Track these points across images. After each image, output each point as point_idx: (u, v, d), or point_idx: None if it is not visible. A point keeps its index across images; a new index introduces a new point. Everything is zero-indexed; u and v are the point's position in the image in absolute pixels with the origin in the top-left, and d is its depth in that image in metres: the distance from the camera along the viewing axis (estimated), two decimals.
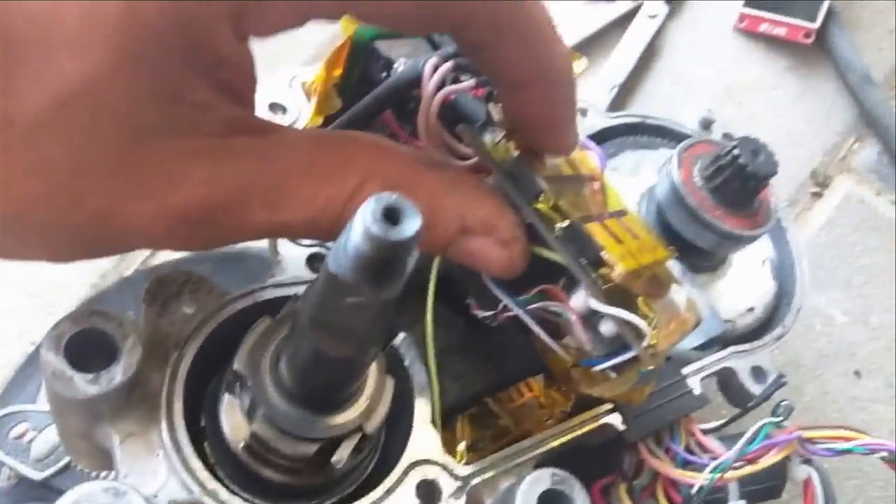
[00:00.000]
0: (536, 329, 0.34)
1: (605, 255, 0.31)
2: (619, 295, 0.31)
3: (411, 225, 0.21)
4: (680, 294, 0.34)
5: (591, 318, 0.33)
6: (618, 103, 0.75)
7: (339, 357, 0.27)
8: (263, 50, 0.29)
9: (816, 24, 0.80)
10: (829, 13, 0.81)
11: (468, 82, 0.35)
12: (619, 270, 0.30)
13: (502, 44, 0.29)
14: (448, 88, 0.34)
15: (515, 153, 0.33)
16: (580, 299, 0.32)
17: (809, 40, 0.81)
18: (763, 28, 0.81)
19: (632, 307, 0.31)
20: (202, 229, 0.27)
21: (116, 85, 0.24)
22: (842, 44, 0.82)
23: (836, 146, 0.80)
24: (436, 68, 0.34)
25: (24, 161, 0.25)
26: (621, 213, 0.34)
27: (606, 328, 0.32)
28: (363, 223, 0.21)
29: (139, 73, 0.25)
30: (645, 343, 0.31)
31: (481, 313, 0.37)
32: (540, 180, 0.32)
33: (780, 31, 0.81)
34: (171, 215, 0.26)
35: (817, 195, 0.77)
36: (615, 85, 0.75)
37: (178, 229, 0.27)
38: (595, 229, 0.32)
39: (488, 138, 0.33)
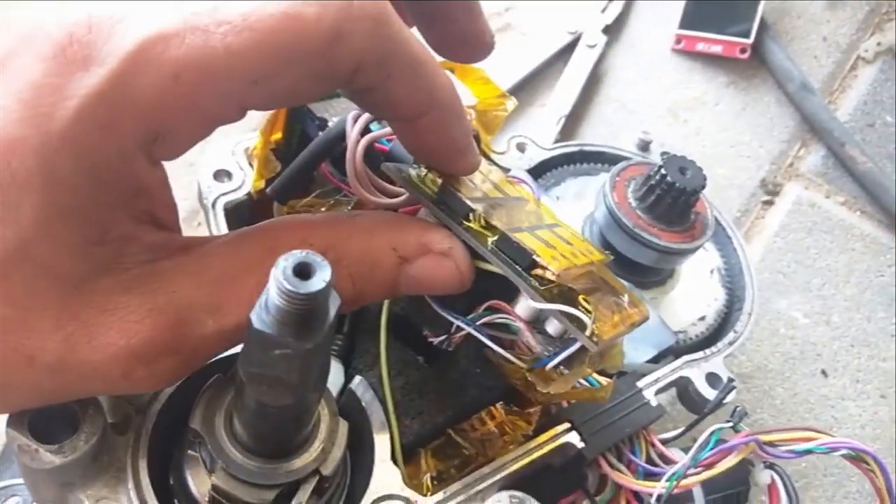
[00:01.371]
0: (487, 342, 0.36)
1: (537, 258, 0.33)
2: (558, 294, 0.34)
3: (321, 276, 0.23)
4: (624, 295, 0.36)
5: (536, 323, 0.35)
6: (566, 133, 0.78)
7: (281, 406, 0.28)
8: None
9: (751, 40, 0.83)
10: (762, 27, 0.85)
11: (386, 129, 0.37)
12: (553, 269, 0.33)
13: (390, 82, 0.30)
14: (370, 135, 0.37)
15: (439, 181, 0.35)
16: (523, 305, 0.35)
17: (746, 55, 0.84)
18: (700, 47, 0.85)
19: (573, 304, 0.33)
20: (159, 363, 0.28)
21: (45, 240, 0.26)
22: (777, 55, 0.85)
23: (783, 154, 0.82)
24: (356, 119, 0.37)
25: None
26: (554, 226, 0.37)
27: (552, 327, 0.35)
28: (277, 281, 0.23)
29: (64, 223, 0.26)
30: (588, 332, 0.33)
31: (436, 339, 0.39)
32: (468, 201, 0.34)
33: (717, 49, 0.84)
34: (124, 356, 0.28)
35: (769, 203, 0.80)
36: (561, 116, 0.77)
37: (135, 369, 0.28)
38: (526, 238, 0.34)
39: (413, 173, 0.35)
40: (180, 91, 0.26)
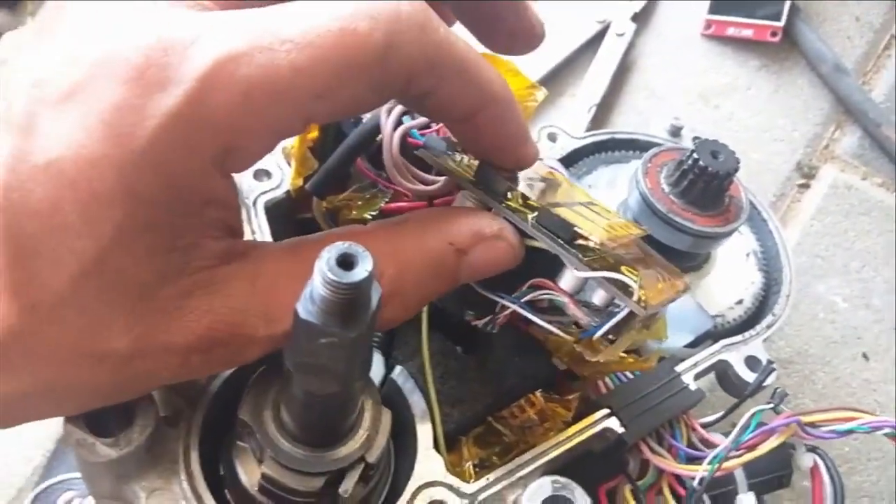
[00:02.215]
0: (533, 317, 0.36)
1: (578, 229, 0.34)
2: (602, 264, 0.34)
3: (364, 266, 0.24)
4: (664, 267, 0.37)
5: (580, 297, 0.36)
6: (596, 122, 0.78)
7: (327, 394, 0.29)
8: None
9: (782, 23, 0.83)
10: (793, 9, 0.84)
11: (421, 119, 0.38)
12: (595, 239, 0.33)
13: (442, 85, 0.31)
14: (404, 126, 0.37)
15: (476, 163, 0.36)
16: (567, 279, 0.35)
17: (777, 38, 0.83)
18: (730, 32, 0.84)
19: (617, 271, 0.34)
20: (213, 355, 0.30)
21: (122, 252, 0.27)
22: (809, 37, 0.84)
23: (818, 137, 0.81)
24: (390, 112, 0.38)
25: (48, 338, 0.28)
26: (589, 203, 0.38)
27: (598, 298, 0.35)
28: (321, 272, 0.24)
29: (140, 236, 0.27)
30: (634, 297, 0.33)
31: (480, 322, 0.39)
32: (506, 180, 0.35)
33: (748, 33, 0.84)
34: (181, 349, 0.29)
35: (805, 186, 0.79)
36: (592, 105, 0.77)
37: (191, 359, 0.30)
38: (565, 213, 0.35)
39: (450, 161, 0.36)
40: (251, 108, 0.27)
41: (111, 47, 0.27)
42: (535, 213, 0.35)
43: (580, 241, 0.34)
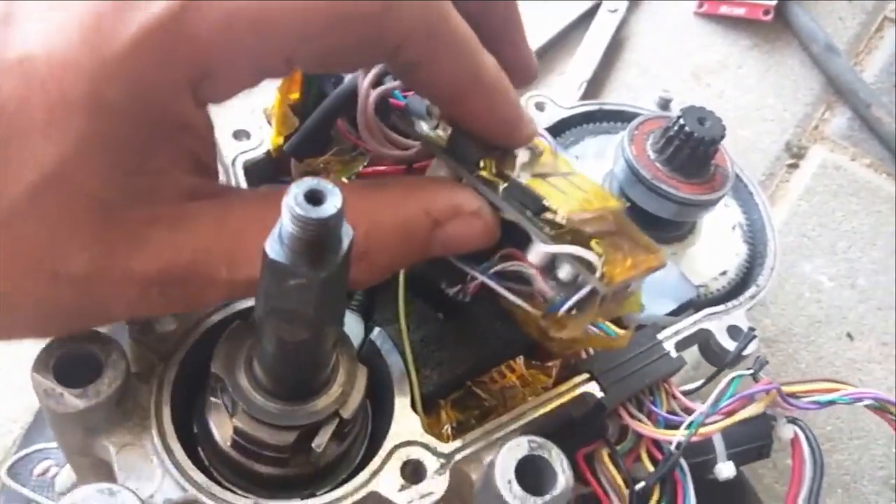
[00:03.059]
0: (500, 289, 0.36)
1: (546, 202, 0.33)
2: (570, 239, 0.34)
3: (332, 202, 0.23)
4: (641, 241, 0.36)
5: (549, 270, 0.35)
6: (587, 98, 0.77)
7: (298, 341, 0.29)
8: None
9: (774, 2, 0.82)
10: None
11: (397, 82, 0.37)
12: (562, 213, 0.33)
13: (436, 58, 0.30)
14: (382, 88, 0.37)
15: (449, 129, 0.35)
16: (536, 252, 0.35)
17: (769, 17, 0.83)
18: (722, 10, 0.84)
19: (583, 246, 0.33)
20: (172, 291, 0.29)
21: (85, 164, 0.26)
22: (802, 17, 0.84)
23: (807, 117, 0.81)
24: (367, 72, 0.37)
25: (5, 245, 0.27)
26: (569, 174, 0.37)
27: (564, 272, 0.34)
28: (289, 208, 0.23)
29: (105, 150, 0.27)
30: (598, 273, 0.33)
31: (451, 290, 0.39)
32: (478, 149, 0.34)
33: (740, 12, 0.83)
34: (141, 278, 0.28)
35: (794, 166, 0.79)
36: (583, 81, 0.77)
37: (150, 291, 0.29)
38: (537, 184, 0.34)
39: (424, 126, 0.35)
40: (232, 35, 0.27)
41: None
42: (506, 184, 0.34)
43: (548, 215, 0.34)
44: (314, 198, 0.23)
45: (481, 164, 0.34)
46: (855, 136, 0.80)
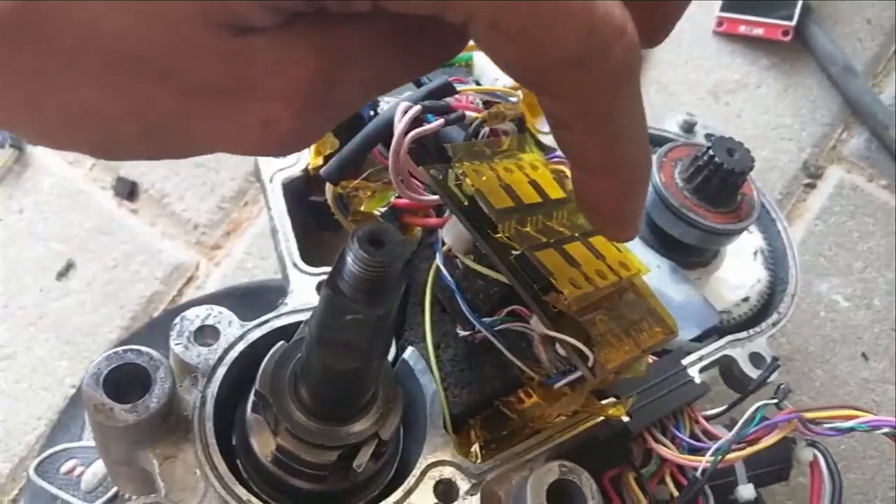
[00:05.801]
0: (502, 348, 0.37)
1: (553, 280, 0.33)
2: (569, 321, 0.34)
3: (394, 246, 0.24)
4: (650, 315, 0.36)
5: (551, 338, 0.35)
6: None
7: (346, 370, 0.30)
8: None
9: (793, 22, 0.83)
10: (805, 9, 0.84)
11: (434, 124, 0.38)
12: (565, 294, 0.32)
13: (587, 135, 0.25)
14: (415, 132, 0.37)
15: (473, 189, 0.34)
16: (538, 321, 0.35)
17: (788, 37, 0.83)
18: (742, 30, 0.84)
19: (581, 331, 0.33)
20: None
21: None
22: (820, 38, 0.84)
23: (825, 137, 0.82)
24: (405, 112, 0.37)
25: None
26: (592, 233, 0.36)
27: (561, 349, 0.35)
28: (353, 249, 0.24)
29: None
30: (589, 363, 0.33)
31: (462, 332, 0.40)
32: (495, 216, 0.33)
33: (759, 32, 0.84)
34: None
35: (811, 186, 0.80)
36: None
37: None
38: (549, 256, 0.33)
39: (451, 175, 0.35)
40: None
41: None
42: (518, 252, 0.33)
43: (553, 294, 0.33)
44: (376, 240, 0.24)
45: (499, 227, 0.33)
46: (872, 157, 0.81)
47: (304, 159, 0.47)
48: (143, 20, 0.22)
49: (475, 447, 0.43)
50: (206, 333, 0.40)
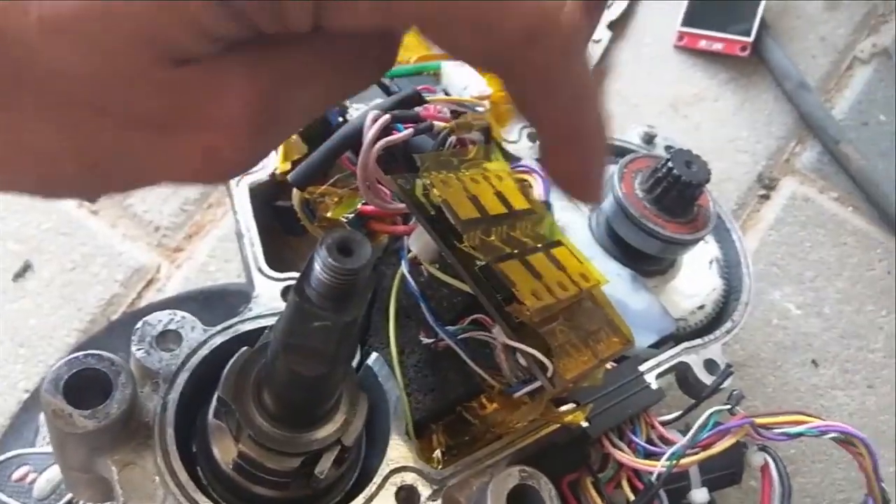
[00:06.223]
0: (465, 356, 0.37)
1: (515, 292, 0.33)
2: (530, 331, 0.34)
3: (362, 255, 0.25)
4: (607, 325, 0.37)
5: (512, 348, 0.36)
6: None
7: (312, 376, 0.30)
8: None
9: (751, 38, 0.85)
10: (763, 26, 0.86)
11: (403, 134, 0.38)
12: (528, 305, 0.33)
13: (549, 104, 0.26)
14: (384, 140, 0.38)
15: (440, 199, 0.34)
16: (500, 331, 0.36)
17: (746, 53, 0.85)
18: (702, 44, 0.86)
19: (542, 342, 0.34)
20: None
21: None
22: (776, 54, 0.87)
23: (779, 150, 0.84)
24: (375, 120, 0.38)
25: None
26: (554, 245, 0.37)
27: (521, 358, 0.36)
28: (321, 257, 0.25)
29: None
30: (549, 373, 0.34)
31: (425, 340, 0.40)
32: (461, 227, 0.34)
33: (718, 47, 0.86)
34: None
35: (765, 197, 0.82)
36: None
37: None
38: (512, 268, 0.34)
39: (419, 184, 0.35)
40: None
41: None
42: (482, 263, 0.34)
43: (515, 305, 0.34)
44: (345, 248, 0.25)
45: (464, 237, 0.34)
46: (824, 170, 0.83)
47: (270, 164, 0.47)
48: (78, 53, 0.22)
49: (437, 453, 0.43)
50: (168, 338, 0.40)
